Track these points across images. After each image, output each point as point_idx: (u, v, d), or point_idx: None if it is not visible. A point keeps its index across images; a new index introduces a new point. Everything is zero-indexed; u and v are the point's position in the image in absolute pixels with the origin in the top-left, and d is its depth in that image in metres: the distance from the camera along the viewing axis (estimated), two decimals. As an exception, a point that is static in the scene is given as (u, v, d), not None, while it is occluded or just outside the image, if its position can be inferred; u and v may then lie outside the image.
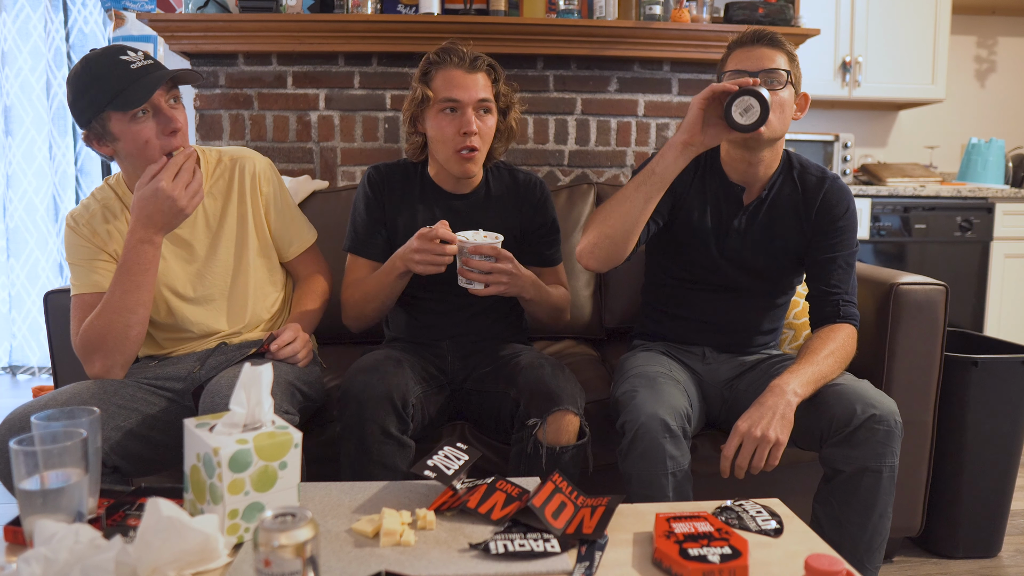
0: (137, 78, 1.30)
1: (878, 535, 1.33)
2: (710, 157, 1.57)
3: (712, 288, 1.59)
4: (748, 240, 1.54)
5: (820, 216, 1.51)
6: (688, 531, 0.96)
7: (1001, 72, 3.72)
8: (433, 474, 1.06)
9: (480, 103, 1.55)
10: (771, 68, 1.43)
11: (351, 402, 1.37)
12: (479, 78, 1.55)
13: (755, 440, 1.27)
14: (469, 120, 1.53)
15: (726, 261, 1.56)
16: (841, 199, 1.51)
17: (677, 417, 1.30)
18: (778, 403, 1.30)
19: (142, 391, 1.40)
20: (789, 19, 2.48)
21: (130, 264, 1.34)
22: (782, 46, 1.46)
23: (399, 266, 1.50)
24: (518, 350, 1.61)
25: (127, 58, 1.31)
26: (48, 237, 3.35)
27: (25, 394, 3.18)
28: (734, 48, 1.50)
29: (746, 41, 1.47)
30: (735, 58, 1.48)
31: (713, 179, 1.56)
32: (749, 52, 1.46)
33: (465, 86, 1.53)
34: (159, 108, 1.33)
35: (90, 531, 0.83)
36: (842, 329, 1.46)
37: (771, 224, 1.53)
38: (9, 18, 3.23)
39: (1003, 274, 3.09)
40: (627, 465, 1.30)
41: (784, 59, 1.45)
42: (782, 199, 1.53)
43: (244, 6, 2.34)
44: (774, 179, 1.53)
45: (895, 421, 1.30)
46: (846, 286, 1.49)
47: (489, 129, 1.58)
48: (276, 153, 2.47)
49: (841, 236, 1.50)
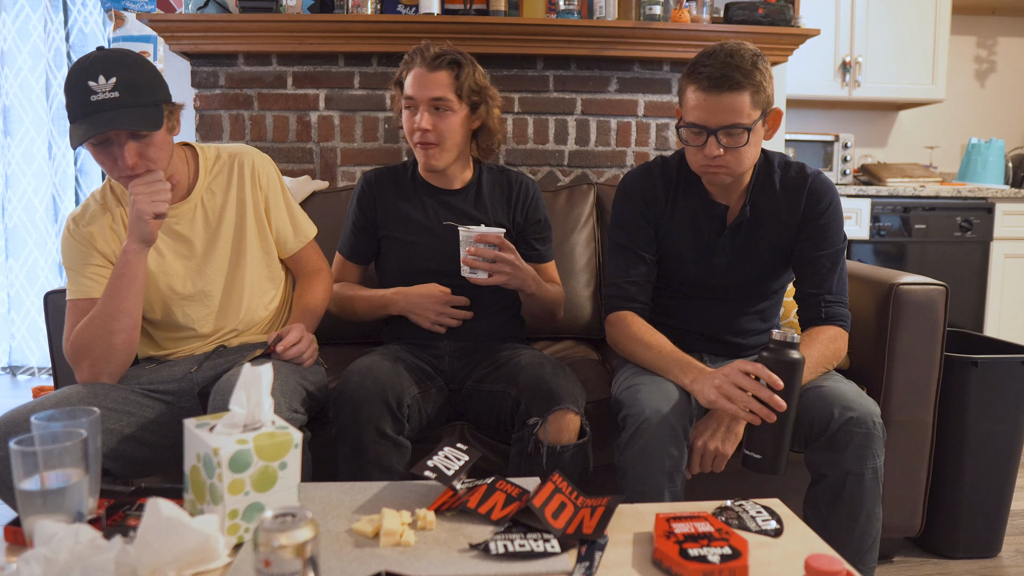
0: (89, 113, 1.26)
1: (868, 536, 1.32)
2: (685, 174, 1.54)
3: (705, 298, 1.58)
4: (736, 255, 1.53)
5: (806, 212, 1.48)
6: (688, 531, 0.96)
7: (1001, 72, 3.72)
8: (433, 474, 1.06)
9: (433, 101, 1.59)
10: (731, 124, 1.33)
11: (346, 403, 1.38)
12: (439, 76, 1.59)
13: (705, 452, 1.34)
14: (420, 117, 1.59)
15: (716, 276, 1.55)
16: (825, 193, 1.48)
17: (680, 416, 1.30)
18: (723, 417, 1.35)
19: (135, 394, 1.40)
20: (789, 19, 2.48)
21: (116, 270, 1.35)
22: (747, 83, 1.32)
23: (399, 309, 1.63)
24: (518, 350, 1.62)
25: (93, 85, 1.25)
26: (47, 237, 3.35)
27: (25, 394, 3.17)
28: (691, 82, 1.36)
29: (705, 84, 1.33)
30: (693, 102, 1.36)
31: (691, 195, 1.54)
32: (707, 100, 1.33)
33: (420, 84, 1.59)
34: (115, 142, 1.29)
35: (90, 531, 0.83)
36: (824, 331, 1.44)
37: (756, 234, 1.51)
38: (9, 18, 3.22)
39: (1003, 274, 3.09)
40: (624, 459, 1.30)
41: (749, 99, 1.33)
42: (763, 206, 1.50)
43: (244, 6, 2.34)
44: (753, 185, 1.50)
45: (874, 423, 1.29)
46: (831, 285, 1.46)
47: (448, 126, 1.61)
48: (276, 153, 2.47)
49: (825, 233, 1.47)
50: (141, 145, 1.31)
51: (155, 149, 1.33)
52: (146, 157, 1.32)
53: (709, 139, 1.36)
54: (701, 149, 1.38)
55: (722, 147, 1.36)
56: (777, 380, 1.22)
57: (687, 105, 1.39)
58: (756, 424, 1.26)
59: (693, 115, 1.37)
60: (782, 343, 1.25)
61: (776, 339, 1.25)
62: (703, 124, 1.35)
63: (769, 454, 1.26)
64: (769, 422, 1.24)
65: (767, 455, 1.26)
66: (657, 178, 1.56)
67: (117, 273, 1.35)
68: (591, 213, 2.18)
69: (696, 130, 1.37)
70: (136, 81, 1.29)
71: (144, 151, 1.31)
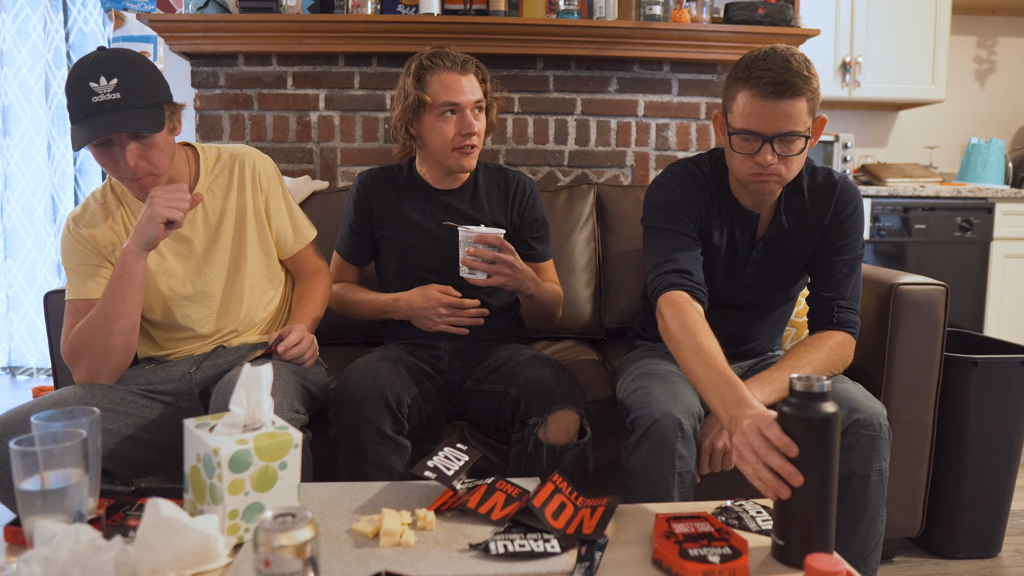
0: (91, 114, 1.25)
1: (871, 538, 1.32)
2: (718, 179, 1.48)
3: (726, 307, 1.53)
4: (765, 266, 1.50)
5: (833, 217, 1.45)
6: (688, 531, 0.96)
7: (1001, 72, 3.72)
8: (433, 475, 1.06)
9: (476, 103, 1.60)
10: (788, 132, 1.27)
11: (346, 403, 1.38)
12: (472, 79, 1.60)
13: (714, 451, 1.30)
14: (471, 122, 1.58)
15: (744, 288, 1.52)
16: (851, 199, 1.45)
17: (690, 417, 1.28)
18: None
19: (133, 395, 1.40)
20: (789, 19, 2.48)
21: (115, 272, 1.35)
22: (806, 89, 1.26)
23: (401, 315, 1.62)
24: (517, 350, 1.62)
25: (95, 86, 1.25)
26: (46, 238, 3.35)
27: (25, 395, 3.17)
28: (745, 88, 1.28)
29: (764, 91, 1.25)
30: (748, 108, 1.28)
31: (725, 203, 1.48)
32: (765, 107, 1.26)
33: (462, 89, 1.58)
34: (116, 144, 1.29)
35: (90, 531, 0.83)
36: (833, 337, 1.40)
37: (788, 244, 1.48)
38: (8, 18, 3.22)
39: (1003, 274, 3.09)
40: (633, 461, 1.28)
41: (805, 106, 1.27)
42: (795, 214, 1.46)
43: (244, 6, 2.34)
44: (784, 196, 1.46)
45: (880, 424, 1.29)
46: (845, 291, 1.44)
47: (484, 126, 1.64)
48: (276, 153, 2.47)
49: (847, 239, 1.45)
50: (143, 146, 1.30)
51: (157, 150, 1.33)
52: (147, 158, 1.32)
53: (764, 147, 1.29)
54: (752, 157, 1.31)
55: (776, 155, 1.30)
56: (792, 446, 0.92)
57: (739, 111, 1.30)
58: (770, 498, 0.96)
59: (748, 122, 1.29)
60: (807, 394, 0.91)
61: (799, 389, 0.92)
62: (759, 131, 1.28)
63: (794, 540, 0.92)
64: (783, 498, 0.93)
65: (790, 541, 0.93)
66: (701, 180, 1.46)
67: (116, 275, 1.34)
68: (591, 213, 2.18)
69: (749, 137, 1.30)
70: (137, 82, 1.29)
71: (146, 152, 1.31)
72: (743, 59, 1.31)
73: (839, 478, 0.97)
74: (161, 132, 1.31)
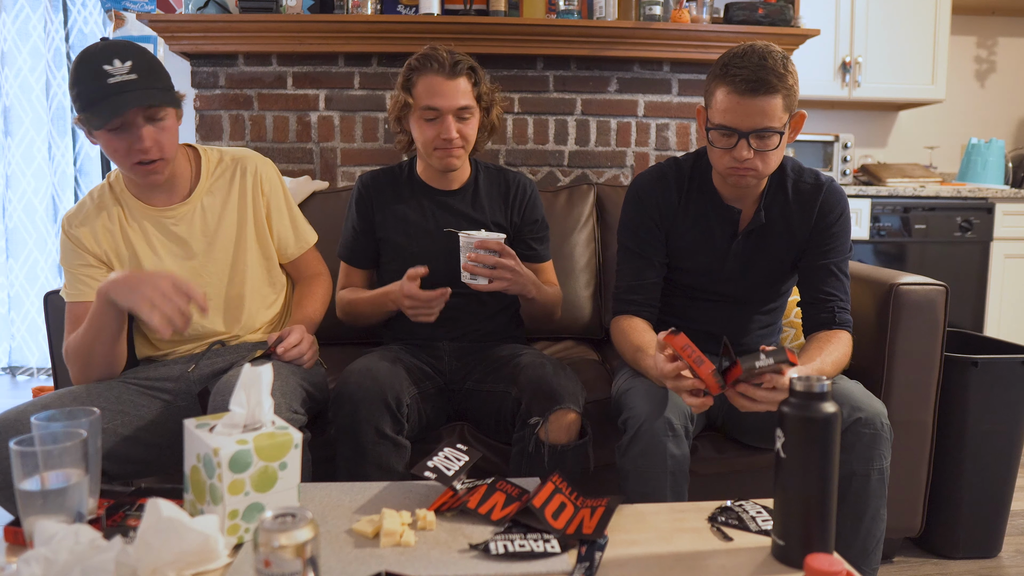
0: (109, 95, 1.26)
1: (872, 538, 1.32)
2: (698, 177, 1.53)
3: (714, 300, 1.58)
4: (747, 260, 1.53)
5: (818, 221, 1.49)
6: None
7: (1001, 72, 3.72)
8: (433, 475, 1.06)
9: (459, 111, 1.57)
10: (764, 128, 1.31)
11: (345, 403, 1.38)
12: (459, 84, 1.57)
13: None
14: (449, 127, 1.57)
15: (726, 280, 1.55)
16: (837, 203, 1.49)
17: (681, 416, 1.30)
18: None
19: (130, 393, 1.40)
20: (789, 19, 2.48)
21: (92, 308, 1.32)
22: (781, 86, 1.29)
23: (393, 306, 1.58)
24: (518, 350, 1.62)
25: (110, 68, 1.27)
26: (47, 238, 3.35)
27: (25, 395, 3.17)
28: (723, 84, 1.32)
29: (739, 87, 1.29)
30: (724, 105, 1.32)
31: (704, 199, 1.52)
32: (740, 103, 1.30)
33: (444, 94, 1.55)
34: (132, 125, 1.30)
35: (90, 532, 0.83)
36: (838, 336, 1.44)
37: (769, 240, 1.51)
38: (9, 18, 3.22)
39: (1003, 274, 3.09)
40: (626, 461, 1.30)
41: (781, 103, 1.31)
42: (777, 211, 1.50)
43: (244, 6, 2.34)
44: (767, 191, 1.50)
45: (882, 423, 1.29)
46: (840, 292, 1.48)
47: (471, 130, 1.62)
48: (276, 154, 2.47)
49: (836, 242, 1.49)
50: (156, 129, 1.33)
51: (168, 135, 1.36)
52: (160, 143, 1.34)
53: (740, 142, 1.33)
54: (729, 151, 1.36)
55: (752, 150, 1.34)
56: (713, 384, 1.13)
57: (717, 107, 1.34)
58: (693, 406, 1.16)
59: (724, 117, 1.33)
60: (807, 394, 0.92)
61: (799, 389, 0.92)
62: (735, 127, 1.32)
63: (794, 540, 0.93)
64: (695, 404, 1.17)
65: (790, 541, 0.94)
66: (670, 181, 1.53)
67: (92, 311, 1.32)
68: (591, 213, 2.18)
69: (726, 132, 1.34)
70: (151, 64, 1.33)
71: (159, 136, 1.34)
72: (722, 56, 1.35)
73: (839, 477, 0.98)
74: (172, 119, 1.36)
